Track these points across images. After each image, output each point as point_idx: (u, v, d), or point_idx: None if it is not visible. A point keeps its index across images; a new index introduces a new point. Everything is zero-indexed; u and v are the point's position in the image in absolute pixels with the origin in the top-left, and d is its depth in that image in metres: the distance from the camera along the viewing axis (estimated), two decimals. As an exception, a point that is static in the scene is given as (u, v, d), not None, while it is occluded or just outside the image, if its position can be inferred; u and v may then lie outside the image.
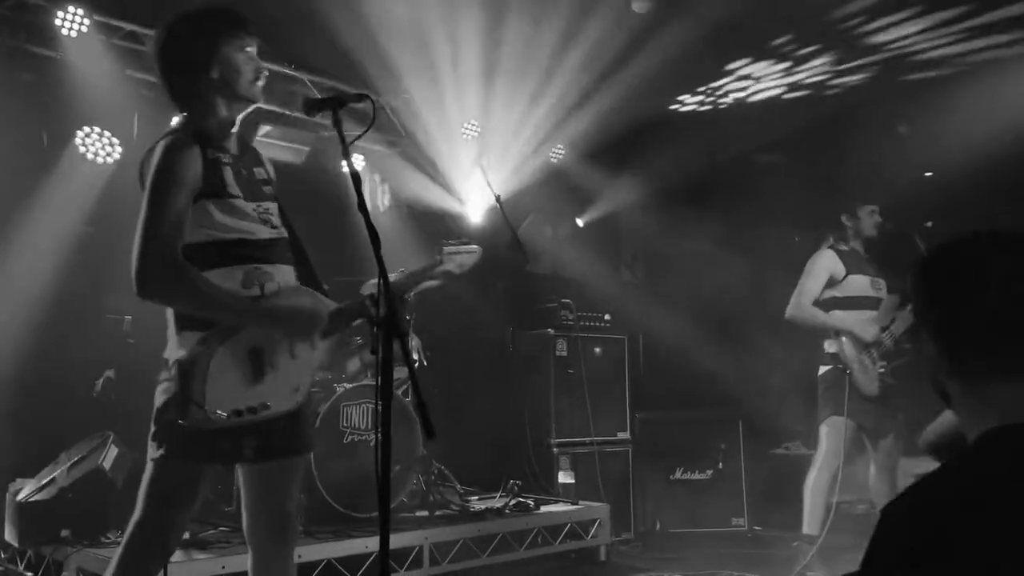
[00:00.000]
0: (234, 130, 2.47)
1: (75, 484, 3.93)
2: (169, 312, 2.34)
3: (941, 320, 1.21)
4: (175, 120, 2.45)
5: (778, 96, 6.63)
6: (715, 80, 6.47)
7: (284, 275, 2.45)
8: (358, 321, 2.54)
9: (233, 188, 2.36)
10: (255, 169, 2.51)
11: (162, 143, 2.30)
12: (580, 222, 7.59)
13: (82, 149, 5.00)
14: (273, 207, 2.49)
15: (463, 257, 2.86)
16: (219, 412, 2.22)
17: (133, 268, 2.19)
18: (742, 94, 6.73)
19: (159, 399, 2.29)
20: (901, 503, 1.13)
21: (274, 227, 2.46)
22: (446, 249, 2.82)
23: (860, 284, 4.64)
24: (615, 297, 6.86)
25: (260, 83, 2.44)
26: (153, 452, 2.28)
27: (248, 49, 2.41)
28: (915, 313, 1.28)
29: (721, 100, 6.72)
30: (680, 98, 6.68)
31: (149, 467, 2.29)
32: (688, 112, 6.75)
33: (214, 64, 2.36)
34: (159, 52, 2.41)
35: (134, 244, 2.20)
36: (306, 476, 4.22)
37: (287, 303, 2.37)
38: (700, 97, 6.74)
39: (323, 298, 2.51)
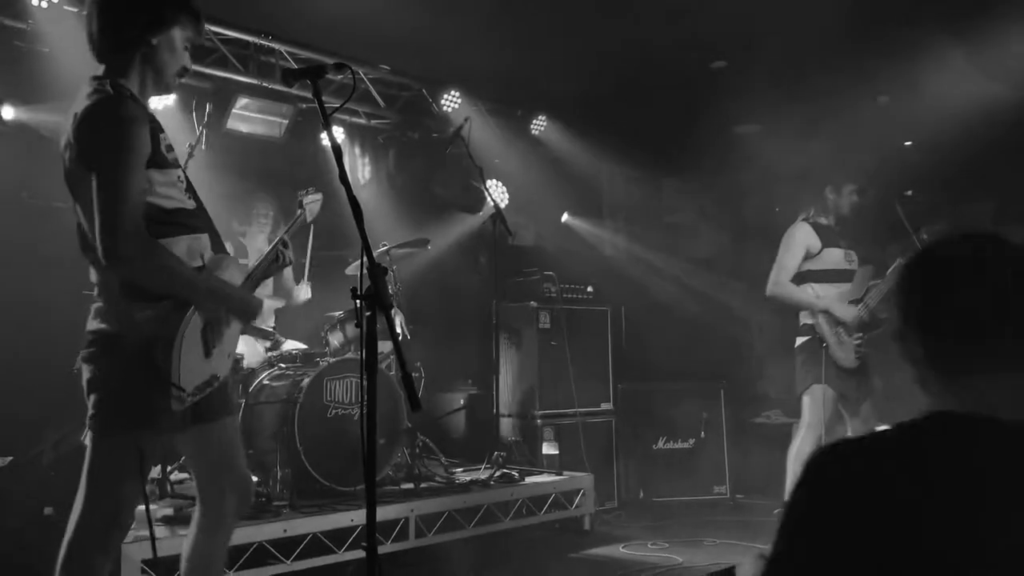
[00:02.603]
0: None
1: (58, 462, 3.91)
2: (106, 280, 2.26)
3: (929, 315, 1.26)
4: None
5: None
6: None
7: (206, 244, 2.46)
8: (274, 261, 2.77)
9: (170, 156, 2.34)
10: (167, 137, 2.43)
11: (108, 106, 2.21)
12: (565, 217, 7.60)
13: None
14: (184, 176, 2.46)
15: (314, 205, 3.22)
16: (189, 392, 2.26)
17: (101, 242, 2.14)
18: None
19: (113, 375, 2.20)
20: (830, 454, 1.20)
21: (191, 196, 2.45)
22: (305, 200, 3.12)
23: (835, 257, 4.68)
24: (598, 268, 6.88)
25: (180, 80, 2.44)
26: (102, 433, 2.21)
27: (188, 44, 2.41)
28: (900, 306, 1.32)
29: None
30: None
31: (95, 450, 2.22)
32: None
33: (160, 40, 2.33)
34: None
35: (97, 216, 2.14)
36: (291, 450, 4.23)
37: (233, 282, 2.45)
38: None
39: (240, 262, 2.62)
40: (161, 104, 5.06)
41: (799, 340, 4.72)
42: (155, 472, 4.03)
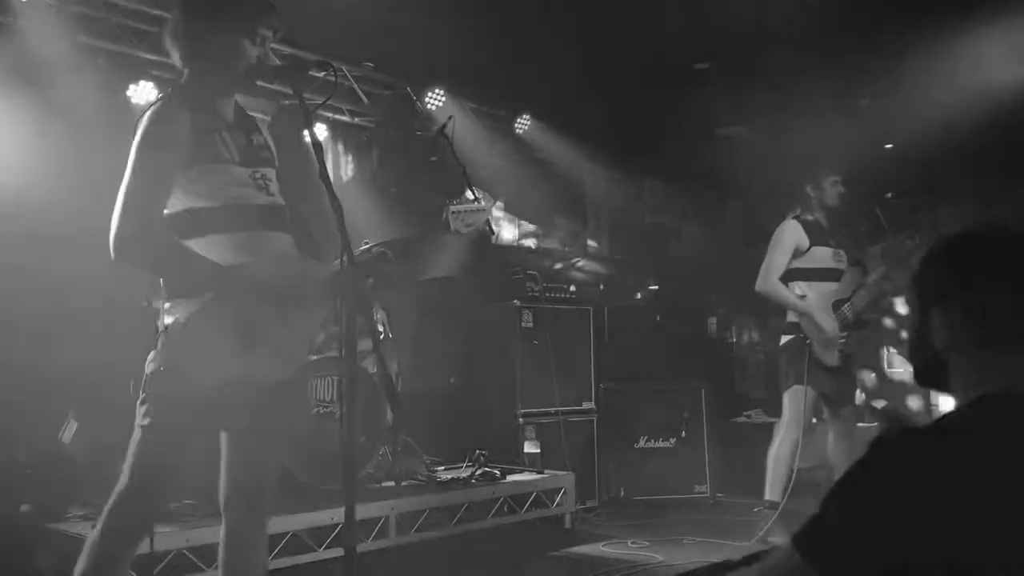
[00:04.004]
0: (230, 99, 2.45)
1: (34, 460, 3.88)
2: (161, 280, 2.31)
3: (983, 292, 1.33)
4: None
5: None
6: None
7: (279, 243, 2.41)
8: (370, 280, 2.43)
9: (225, 153, 2.32)
10: (252, 136, 2.46)
11: (152, 107, 2.28)
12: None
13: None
14: (271, 173, 2.45)
15: (472, 216, 2.75)
16: (206, 385, 2.19)
17: (110, 232, 2.17)
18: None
19: (148, 367, 2.26)
20: (895, 443, 1.23)
21: (271, 194, 2.42)
22: (452, 207, 2.73)
23: (823, 256, 4.71)
24: (580, 268, 6.89)
25: (260, 75, 2.40)
26: (140, 419, 2.25)
27: (259, 38, 2.36)
28: (938, 286, 1.38)
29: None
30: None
31: (136, 433, 2.25)
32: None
33: (212, 41, 2.33)
34: (188, 4, 2.38)
35: (114, 208, 2.18)
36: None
37: (272, 272, 2.28)
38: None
39: (319, 266, 2.44)
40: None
41: (783, 339, 4.75)
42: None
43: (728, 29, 5.74)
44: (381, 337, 4.81)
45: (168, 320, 2.24)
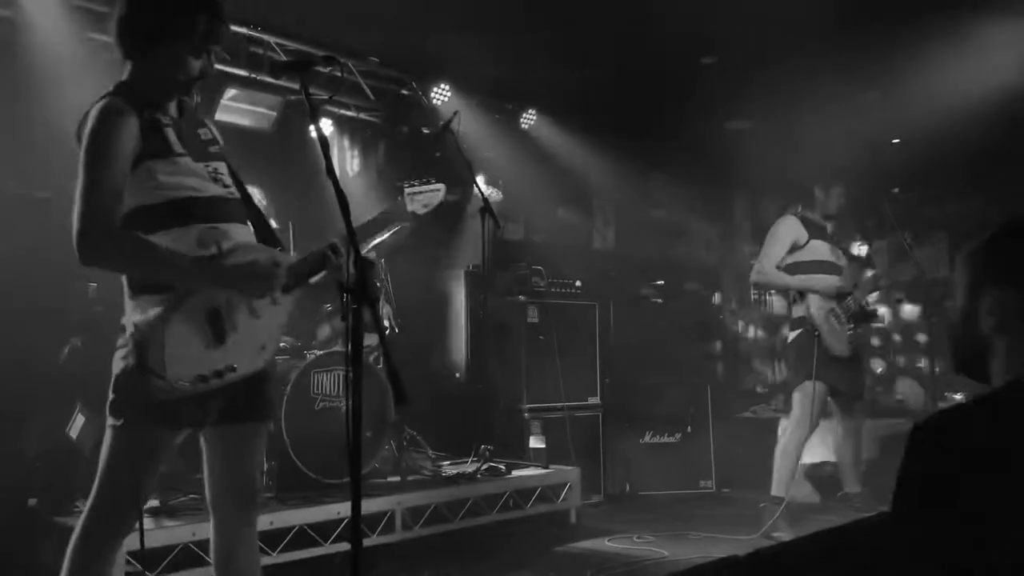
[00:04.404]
0: (173, 98, 2.40)
1: (42, 453, 3.89)
2: (123, 276, 2.29)
3: None
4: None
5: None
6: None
7: (241, 234, 2.39)
8: (319, 275, 2.45)
9: (177, 147, 2.30)
10: (199, 131, 2.44)
11: (96, 107, 2.24)
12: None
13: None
14: (222, 167, 2.43)
15: (427, 196, 2.73)
16: (181, 382, 2.17)
17: (73, 235, 2.14)
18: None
19: (117, 366, 2.24)
20: (931, 424, 1.24)
21: (226, 186, 2.41)
22: (407, 189, 2.73)
23: (821, 250, 4.73)
24: (586, 263, 6.89)
25: (198, 81, 2.37)
26: (112, 420, 2.24)
27: (204, 52, 2.33)
28: (994, 267, 1.38)
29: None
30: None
31: (108, 434, 2.24)
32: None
33: (157, 53, 2.30)
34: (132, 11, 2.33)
35: (73, 212, 2.15)
36: (277, 442, 4.22)
37: (240, 261, 2.27)
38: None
39: (282, 254, 2.44)
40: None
41: (791, 335, 4.76)
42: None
43: (735, 23, 5.72)
44: (387, 332, 4.82)
45: (135, 318, 2.21)
